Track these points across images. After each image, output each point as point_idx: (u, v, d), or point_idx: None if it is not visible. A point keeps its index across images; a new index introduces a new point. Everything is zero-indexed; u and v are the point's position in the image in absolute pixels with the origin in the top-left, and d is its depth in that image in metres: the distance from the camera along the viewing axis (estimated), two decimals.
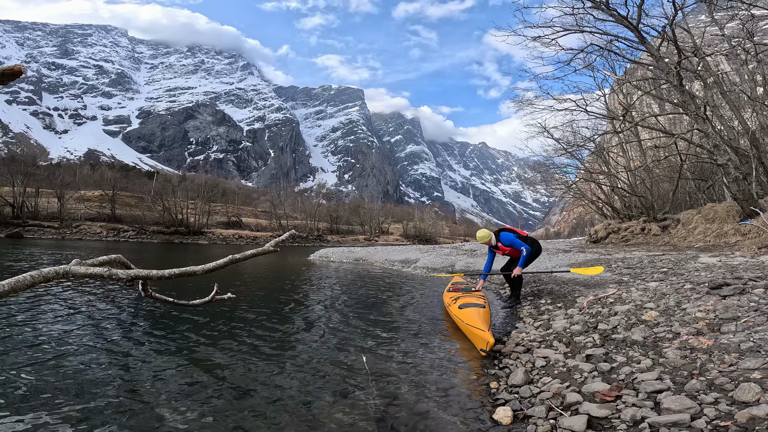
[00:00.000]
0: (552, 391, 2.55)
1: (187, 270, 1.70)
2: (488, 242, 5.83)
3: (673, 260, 7.31)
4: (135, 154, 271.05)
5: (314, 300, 7.00)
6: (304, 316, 5.58)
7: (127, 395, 2.73)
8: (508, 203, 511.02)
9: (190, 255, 22.51)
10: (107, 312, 5.32)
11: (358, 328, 4.76)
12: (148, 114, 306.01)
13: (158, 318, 5.02)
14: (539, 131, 19.33)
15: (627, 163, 20.98)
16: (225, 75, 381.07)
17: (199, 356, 3.60)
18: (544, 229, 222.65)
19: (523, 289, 6.54)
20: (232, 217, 63.78)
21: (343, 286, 8.97)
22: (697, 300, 3.69)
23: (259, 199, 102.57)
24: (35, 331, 4.21)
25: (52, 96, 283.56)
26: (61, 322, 4.62)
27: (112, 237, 42.76)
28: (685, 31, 12.91)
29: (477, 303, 4.48)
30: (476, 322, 3.89)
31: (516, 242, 5.69)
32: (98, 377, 3.02)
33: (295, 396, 2.81)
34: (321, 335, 4.45)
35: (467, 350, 3.81)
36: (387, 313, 5.67)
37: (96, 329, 4.40)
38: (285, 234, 2.17)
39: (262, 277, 10.68)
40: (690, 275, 5.18)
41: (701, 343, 2.68)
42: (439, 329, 4.73)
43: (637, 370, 2.53)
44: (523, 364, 3.17)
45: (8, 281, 1.37)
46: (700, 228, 12.82)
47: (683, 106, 11.75)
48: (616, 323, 3.54)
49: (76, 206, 48.68)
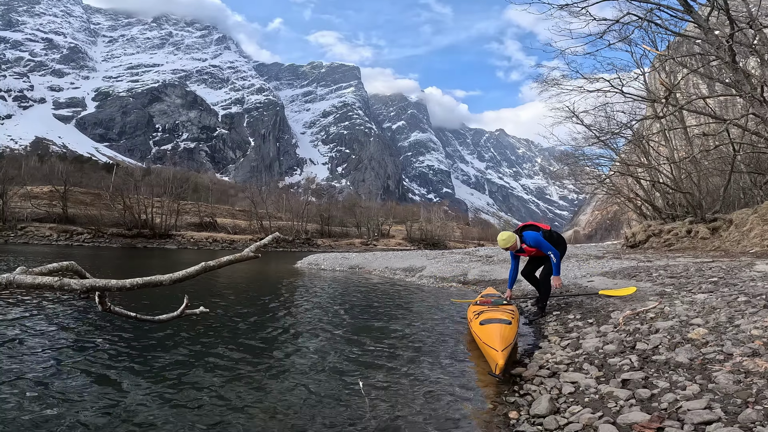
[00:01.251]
0: (582, 422, 2.55)
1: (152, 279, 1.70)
2: (512, 246, 5.73)
3: (724, 268, 7.32)
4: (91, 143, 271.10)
5: (302, 315, 7.01)
6: (290, 333, 5.58)
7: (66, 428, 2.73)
8: (530, 201, 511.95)
9: (156, 262, 22.54)
10: (57, 329, 5.32)
11: (355, 348, 4.76)
12: (106, 96, 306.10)
13: (117, 336, 5.02)
14: (567, 116, 19.33)
15: (670, 153, 20.98)
16: (197, 50, 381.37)
17: (165, 381, 3.60)
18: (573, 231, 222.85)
19: (553, 296, 6.49)
20: (205, 217, 63.83)
21: (336, 300, 8.98)
22: (752, 315, 3.69)
23: (236, 196, 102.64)
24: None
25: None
26: (0, 342, 4.61)
27: (64, 240, 42.78)
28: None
29: (502, 319, 4.45)
30: (492, 341, 3.88)
31: (543, 244, 5.66)
32: (40, 406, 3.02)
33: (280, 428, 2.81)
34: (310, 357, 4.46)
35: (483, 374, 3.82)
36: (388, 331, 5.67)
37: (43, 350, 4.40)
38: (267, 237, 2.17)
39: (241, 289, 10.69)
40: (744, 286, 5.19)
41: (758, 366, 2.68)
42: (451, 350, 4.74)
43: (683, 398, 2.54)
44: (548, 390, 3.17)
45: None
46: (756, 230, 12.84)
47: (736, 86, 11.75)
48: (657, 342, 3.55)
49: (21, 204, 48.72)
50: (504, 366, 3.57)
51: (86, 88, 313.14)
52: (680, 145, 21.88)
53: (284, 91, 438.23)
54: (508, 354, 3.76)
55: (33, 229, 44.72)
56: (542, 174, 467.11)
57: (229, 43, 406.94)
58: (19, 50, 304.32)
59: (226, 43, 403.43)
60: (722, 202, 17.76)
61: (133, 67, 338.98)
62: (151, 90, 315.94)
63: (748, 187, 20.08)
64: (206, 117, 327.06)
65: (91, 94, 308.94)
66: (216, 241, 52.36)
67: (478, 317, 4.71)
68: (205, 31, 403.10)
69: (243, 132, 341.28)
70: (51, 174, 62.16)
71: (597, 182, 25.18)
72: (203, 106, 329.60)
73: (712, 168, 20.03)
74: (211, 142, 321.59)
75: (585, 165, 24.87)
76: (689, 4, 11.85)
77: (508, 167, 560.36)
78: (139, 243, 45.48)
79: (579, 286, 7.76)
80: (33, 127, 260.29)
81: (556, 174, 33.19)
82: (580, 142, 21.75)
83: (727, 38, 11.05)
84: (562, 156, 26.76)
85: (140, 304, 6.88)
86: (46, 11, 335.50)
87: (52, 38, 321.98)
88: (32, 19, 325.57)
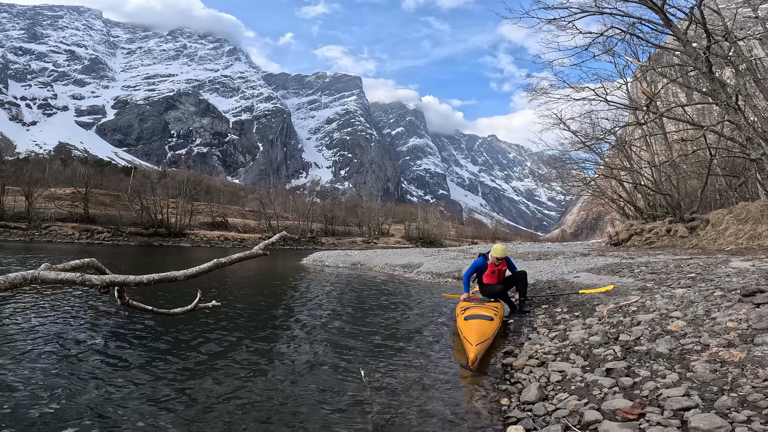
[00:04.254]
0: (569, 408, 2.55)
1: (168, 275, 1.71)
2: (502, 258, 5.84)
3: (701, 265, 7.32)
4: (110, 148, 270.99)
5: (308, 308, 7.01)
6: (296, 325, 5.58)
7: (96, 415, 2.73)
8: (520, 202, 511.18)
9: (171, 259, 22.52)
10: (79, 322, 5.32)
11: (356, 339, 4.77)
12: (124, 104, 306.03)
13: (135, 328, 5.02)
14: (555, 123, 19.32)
15: (651, 157, 20.97)
16: (209, 61, 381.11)
17: (182, 370, 3.60)
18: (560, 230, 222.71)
19: (537, 296, 6.53)
20: (216, 217, 63.80)
21: (339, 294, 8.98)
22: (728, 308, 3.69)
23: (246, 198, 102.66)
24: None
25: (20, 84, 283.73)
26: (28, 333, 4.62)
27: (86, 239, 42.76)
28: (715, 12, 12.91)
29: (485, 315, 4.52)
30: (470, 335, 3.95)
31: (512, 263, 6.21)
32: (65, 393, 3.02)
33: (288, 412, 2.81)
34: (315, 347, 4.46)
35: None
36: (388, 324, 5.68)
37: (66, 341, 4.40)
38: (275, 236, 2.18)
39: (250, 284, 10.69)
40: (720, 281, 5.19)
41: (733, 356, 2.68)
42: (446, 342, 4.74)
43: (663, 386, 2.54)
44: (537, 378, 3.17)
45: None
46: (731, 229, 12.83)
47: (713, 95, 11.75)
48: (639, 334, 3.55)
49: (45, 205, 48.69)
50: (476, 358, 3.62)
51: (106, 96, 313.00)
52: (660, 150, 21.87)
53: (291, 100, 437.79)
54: (483, 348, 3.84)
55: (56, 228, 44.69)
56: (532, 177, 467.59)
57: (240, 55, 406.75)
58: (43, 61, 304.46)
59: (237, 54, 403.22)
60: (699, 203, 17.76)
61: (150, 77, 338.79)
62: (166, 98, 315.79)
63: (724, 189, 20.07)
64: (218, 124, 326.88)
65: (110, 102, 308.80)
66: (227, 240, 52.34)
67: (464, 312, 4.77)
68: (217, 44, 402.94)
69: (252, 138, 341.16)
70: (73, 177, 62.10)
71: (583, 184, 25.21)
72: (215, 113, 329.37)
73: (690, 171, 20.04)
74: (222, 147, 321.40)
75: (572, 168, 24.91)
76: (669, 19, 11.85)
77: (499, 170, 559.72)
78: (156, 241, 45.49)
79: (566, 281, 7.76)
80: (56, 133, 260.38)
81: (545, 177, 33.17)
82: (567, 146, 21.81)
83: (704, 50, 11.06)
84: (550, 160, 26.80)
85: (157, 298, 6.88)
86: (69, 25, 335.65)
87: (74, 50, 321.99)
88: (56, 32, 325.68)
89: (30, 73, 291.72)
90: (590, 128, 20.26)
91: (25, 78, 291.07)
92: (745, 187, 18.27)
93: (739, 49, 12.27)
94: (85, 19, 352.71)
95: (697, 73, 12.49)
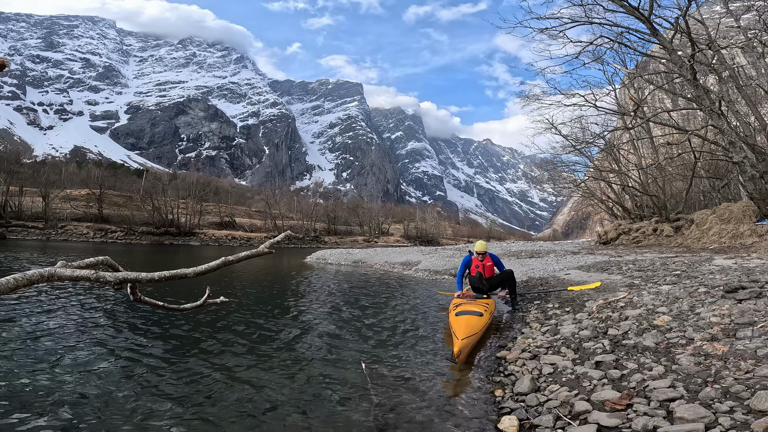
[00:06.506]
0: (560, 399, 2.55)
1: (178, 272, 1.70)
2: (484, 252, 6.00)
3: (686, 262, 7.31)
4: (123, 151, 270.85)
5: (311, 304, 7.01)
6: (300, 320, 5.58)
7: (109, 405, 2.73)
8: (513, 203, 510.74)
9: (181, 257, 22.52)
10: (94, 316, 5.32)
11: (357, 333, 4.77)
12: (137, 109, 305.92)
13: (147, 322, 5.02)
14: (546, 127, 19.33)
15: (638, 160, 20.97)
16: (218, 68, 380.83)
17: (190, 363, 3.60)
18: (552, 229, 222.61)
19: (528, 293, 6.54)
20: (224, 217, 63.74)
21: (341, 290, 8.98)
22: (711, 304, 3.69)
23: (253, 199, 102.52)
24: (18, 337, 4.21)
25: (37, 90, 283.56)
26: (46, 327, 4.62)
27: (100, 238, 42.73)
28: (699, 22, 12.91)
29: (475, 311, 4.48)
30: (458, 330, 3.92)
31: (500, 262, 6.18)
32: (82, 384, 3.02)
33: (292, 403, 2.81)
34: (318, 341, 4.46)
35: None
36: (387, 319, 5.67)
37: (82, 334, 4.40)
38: (280, 235, 2.17)
39: (257, 281, 10.69)
40: (704, 278, 5.18)
41: (716, 349, 2.69)
42: (442, 336, 4.74)
43: (649, 378, 2.53)
44: (530, 371, 3.17)
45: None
46: (714, 229, 12.82)
47: (697, 101, 11.75)
48: (626, 328, 3.55)
49: (61, 206, 48.65)
50: (460, 352, 3.59)
51: (119, 102, 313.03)
52: (647, 153, 21.86)
53: (295, 105, 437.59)
54: (470, 342, 3.79)
55: (72, 228, 44.68)
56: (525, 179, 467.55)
57: (247, 63, 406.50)
58: (59, 69, 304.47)
59: (244, 62, 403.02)
60: (684, 203, 17.75)
61: (161, 84, 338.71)
62: (177, 104, 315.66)
63: (708, 191, 20.09)
64: (226, 128, 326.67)
65: (123, 108, 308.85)
66: (234, 239, 52.29)
67: (456, 309, 4.76)
68: (225, 52, 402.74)
69: (258, 141, 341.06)
70: (88, 178, 62.02)
71: (573, 186, 25.20)
72: (223, 118, 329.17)
73: (675, 173, 20.04)
74: (230, 150, 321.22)
75: (562, 171, 24.90)
76: (655, 28, 11.85)
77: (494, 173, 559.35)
78: (166, 240, 45.46)
79: (557, 278, 7.76)
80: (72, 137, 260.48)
81: (537, 179, 33.15)
82: (558, 150, 21.81)
83: (689, 58, 11.07)
84: (542, 163, 26.72)
85: (168, 293, 6.87)
86: (84, 34, 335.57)
87: (89, 58, 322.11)
88: (71, 41, 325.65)
89: (47, 79, 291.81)
90: (580, 132, 20.28)
91: (42, 84, 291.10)
92: (728, 188, 18.27)
93: (722, 57, 12.27)
94: (100, 29, 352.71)
95: (683, 80, 12.49)
